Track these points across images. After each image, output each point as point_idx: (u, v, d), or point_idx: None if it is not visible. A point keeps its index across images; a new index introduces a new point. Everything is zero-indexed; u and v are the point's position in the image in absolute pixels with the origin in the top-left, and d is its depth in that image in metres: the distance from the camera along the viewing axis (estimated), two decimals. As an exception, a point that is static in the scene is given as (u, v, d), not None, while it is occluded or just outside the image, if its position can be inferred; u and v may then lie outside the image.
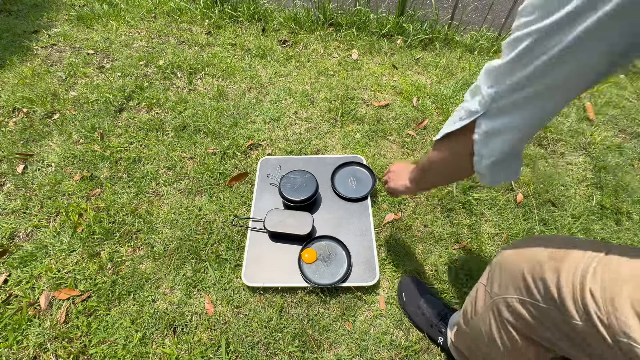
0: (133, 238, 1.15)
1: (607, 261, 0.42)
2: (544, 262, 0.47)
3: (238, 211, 1.21)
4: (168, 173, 1.33)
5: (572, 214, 1.20)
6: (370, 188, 1.22)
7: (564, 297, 0.43)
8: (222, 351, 0.92)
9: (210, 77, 1.74)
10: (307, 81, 1.73)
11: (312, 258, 1.06)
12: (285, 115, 1.55)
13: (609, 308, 0.39)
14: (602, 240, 1.13)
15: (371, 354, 0.92)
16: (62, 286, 1.04)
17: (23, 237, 1.16)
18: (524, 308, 0.50)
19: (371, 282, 1.01)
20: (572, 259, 0.45)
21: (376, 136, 1.46)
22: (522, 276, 0.50)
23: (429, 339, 0.93)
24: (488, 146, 0.47)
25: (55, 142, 1.43)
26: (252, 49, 1.90)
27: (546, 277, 0.46)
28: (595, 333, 0.40)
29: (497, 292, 0.55)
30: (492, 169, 0.49)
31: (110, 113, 1.55)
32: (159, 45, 1.94)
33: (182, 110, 1.56)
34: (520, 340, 0.54)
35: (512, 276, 0.52)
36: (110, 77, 1.74)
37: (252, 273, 1.04)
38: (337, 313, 0.98)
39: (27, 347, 0.92)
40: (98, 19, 2.14)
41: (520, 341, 0.54)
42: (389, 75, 1.77)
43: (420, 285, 1.00)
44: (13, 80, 1.71)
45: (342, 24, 2.06)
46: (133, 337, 0.94)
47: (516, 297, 0.51)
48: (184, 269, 1.07)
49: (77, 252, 1.11)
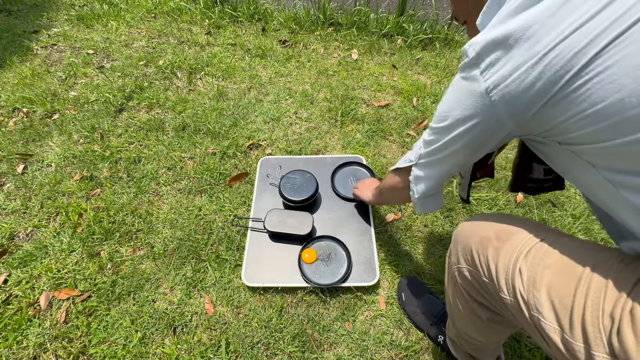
0: (133, 238, 1.15)
1: (540, 247, 0.49)
2: (489, 241, 0.54)
3: (238, 211, 1.21)
4: (168, 173, 1.33)
5: (572, 214, 1.20)
6: None
7: (499, 274, 0.50)
8: (222, 351, 0.92)
9: (210, 77, 1.74)
10: (307, 81, 1.73)
11: (312, 258, 1.06)
12: (285, 115, 1.55)
13: (530, 288, 0.46)
14: (550, 225, 1.13)
15: (371, 354, 0.92)
16: (62, 286, 1.04)
17: (23, 237, 1.16)
18: (471, 277, 0.57)
19: (371, 282, 1.01)
20: (512, 241, 0.51)
21: (376, 136, 1.46)
22: (470, 250, 0.56)
23: (429, 339, 0.93)
24: (417, 186, 0.66)
25: (55, 142, 1.43)
26: (252, 49, 1.90)
27: (489, 255, 0.52)
28: (518, 308, 0.47)
29: (454, 261, 0.62)
30: (420, 201, 0.68)
31: (110, 113, 1.55)
32: (159, 45, 1.94)
33: (182, 110, 1.56)
34: (472, 304, 0.60)
35: (463, 248, 0.59)
36: (110, 77, 1.74)
37: (252, 273, 1.04)
38: (337, 313, 0.98)
39: (27, 347, 0.92)
40: (98, 19, 2.14)
41: (472, 303, 0.60)
42: (389, 75, 1.77)
43: (420, 285, 1.00)
44: (13, 80, 1.71)
45: (342, 24, 2.06)
46: (133, 337, 0.94)
47: (466, 267, 0.58)
48: (184, 269, 1.07)
49: (77, 252, 1.11)
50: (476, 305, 0.60)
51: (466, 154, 0.55)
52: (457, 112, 0.50)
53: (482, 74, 0.45)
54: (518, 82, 0.41)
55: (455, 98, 0.51)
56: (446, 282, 0.69)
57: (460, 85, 0.49)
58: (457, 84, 0.51)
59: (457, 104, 0.50)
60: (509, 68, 0.42)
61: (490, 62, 0.44)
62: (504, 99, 0.43)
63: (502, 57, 0.42)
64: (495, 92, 0.44)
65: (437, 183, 0.64)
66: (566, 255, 0.46)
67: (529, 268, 0.47)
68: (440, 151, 0.57)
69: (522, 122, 0.45)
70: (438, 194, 0.69)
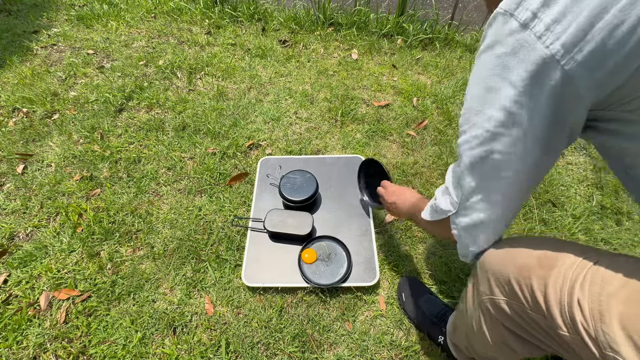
0: (133, 238, 1.15)
1: (595, 271, 0.41)
2: (531, 269, 0.46)
3: (238, 211, 1.21)
4: (168, 173, 1.33)
5: (573, 214, 1.20)
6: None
7: (551, 306, 0.43)
8: (222, 351, 0.92)
9: (210, 77, 1.74)
10: (307, 81, 1.73)
11: (312, 258, 1.06)
12: (285, 115, 1.55)
13: (597, 321, 0.39)
14: (593, 244, 1.13)
15: (371, 354, 0.92)
16: (62, 286, 1.04)
17: (23, 237, 1.15)
18: (511, 309, 0.50)
19: (371, 282, 1.01)
20: (560, 268, 0.44)
21: (376, 136, 1.46)
22: (508, 280, 0.49)
23: (429, 339, 0.93)
24: (470, 237, 0.52)
25: (55, 142, 1.43)
26: (252, 49, 1.90)
27: (533, 285, 0.45)
28: (582, 344, 0.40)
29: (484, 291, 0.54)
30: (477, 255, 0.54)
31: (110, 113, 1.55)
32: (159, 45, 1.94)
33: (182, 110, 1.56)
34: (508, 337, 0.53)
35: (497, 278, 0.51)
36: (110, 77, 1.74)
37: (252, 273, 1.04)
38: (337, 313, 0.98)
39: (27, 347, 0.92)
40: (98, 19, 2.14)
41: (509, 337, 0.53)
42: (389, 75, 1.77)
43: (420, 286, 1.00)
44: (13, 80, 1.71)
45: (342, 23, 2.06)
46: (133, 337, 0.94)
47: (503, 299, 0.50)
48: (183, 269, 1.07)
49: (76, 252, 1.10)
50: (513, 338, 0.53)
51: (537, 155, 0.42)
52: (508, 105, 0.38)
53: (540, 37, 0.35)
54: (608, 32, 0.31)
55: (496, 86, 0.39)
56: (469, 307, 0.62)
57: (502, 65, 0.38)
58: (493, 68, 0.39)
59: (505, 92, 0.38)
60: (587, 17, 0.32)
61: (556, 17, 0.33)
62: (585, 63, 0.34)
63: (572, 9, 0.33)
64: (569, 57, 0.34)
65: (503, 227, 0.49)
66: (632, 279, 0.39)
67: (590, 299, 0.40)
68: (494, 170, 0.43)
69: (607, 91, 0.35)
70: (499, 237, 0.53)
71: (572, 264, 0.43)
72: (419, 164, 1.34)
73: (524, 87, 0.37)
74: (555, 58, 0.34)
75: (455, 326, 0.75)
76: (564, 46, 0.34)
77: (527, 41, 0.36)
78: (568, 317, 0.41)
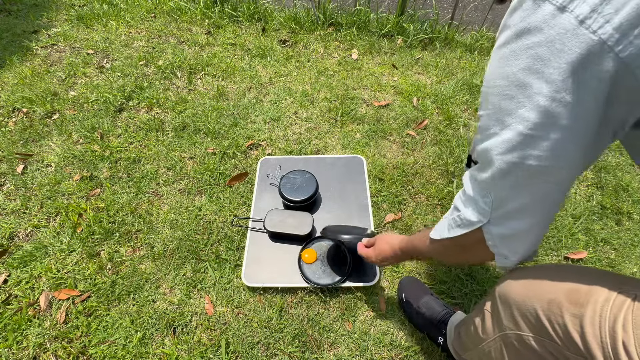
0: (133, 238, 1.15)
1: (637, 310, 0.37)
2: (561, 304, 0.42)
3: (238, 211, 1.21)
4: (168, 173, 1.33)
5: (573, 213, 1.20)
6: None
7: (591, 349, 0.38)
8: (222, 351, 0.92)
9: (210, 77, 1.74)
10: (307, 81, 1.73)
11: (312, 258, 1.06)
12: (285, 115, 1.55)
13: None
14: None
15: (371, 354, 0.92)
16: (61, 286, 1.04)
17: (23, 237, 1.15)
18: (541, 347, 0.45)
19: (371, 282, 1.01)
20: (595, 305, 0.39)
21: (376, 136, 1.46)
22: (535, 315, 0.44)
23: (429, 340, 0.93)
24: (509, 247, 0.45)
25: (55, 142, 1.43)
26: (252, 49, 1.90)
27: (567, 323, 0.41)
28: None
29: (507, 325, 0.50)
30: (516, 263, 0.48)
31: (110, 113, 1.55)
32: (159, 45, 1.94)
33: (182, 110, 1.56)
34: None
35: (523, 313, 0.47)
36: (110, 77, 1.74)
37: (252, 273, 1.04)
38: (337, 313, 0.98)
39: (27, 347, 0.92)
40: (98, 19, 2.14)
41: None
42: (389, 75, 1.77)
43: (420, 286, 1.00)
44: (13, 80, 1.71)
45: (342, 23, 2.06)
46: (133, 337, 0.94)
47: (532, 336, 0.46)
48: (183, 269, 1.07)
49: (76, 252, 1.10)
50: None
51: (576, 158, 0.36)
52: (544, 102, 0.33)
53: (584, 21, 0.29)
54: None
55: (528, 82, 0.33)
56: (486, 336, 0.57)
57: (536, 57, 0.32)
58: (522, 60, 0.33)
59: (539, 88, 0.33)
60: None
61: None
62: None
63: None
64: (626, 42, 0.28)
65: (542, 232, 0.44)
66: None
67: (637, 342, 0.36)
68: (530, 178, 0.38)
69: None
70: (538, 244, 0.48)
71: (607, 299, 0.39)
72: (419, 164, 1.34)
73: (563, 82, 0.32)
74: (608, 44, 0.29)
75: (464, 344, 0.72)
76: (619, 29, 0.28)
77: (566, 27, 0.30)
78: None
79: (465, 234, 0.47)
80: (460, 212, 0.47)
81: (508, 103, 0.36)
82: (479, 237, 0.46)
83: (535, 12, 0.32)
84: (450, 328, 0.86)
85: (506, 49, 0.35)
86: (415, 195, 1.25)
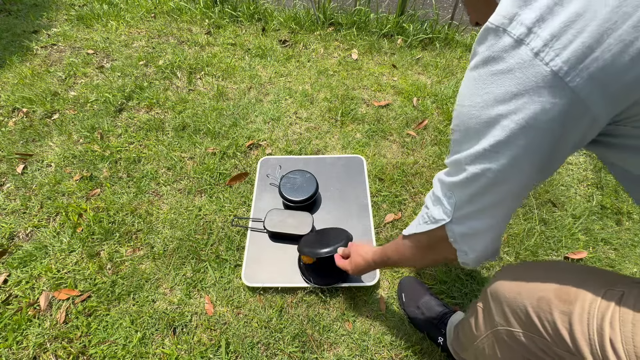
0: (133, 238, 1.15)
1: (624, 308, 0.39)
2: (551, 302, 0.44)
3: (238, 211, 1.21)
4: (168, 173, 1.33)
5: (573, 214, 1.20)
6: None
7: (579, 345, 0.40)
8: (222, 351, 0.92)
9: (210, 77, 1.74)
10: (307, 81, 1.73)
11: (312, 258, 1.06)
12: (285, 115, 1.55)
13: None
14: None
15: (371, 354, 0.92)
16: (61, 286, 1.04)
17: (23, 237, 1.15)
18: (532, 343, 0.47)
19: (371, 282, 1.01)
20: (583, 303, 0.41)
21: (376, 136, 1.46)
22: (525, 312, 0.47)
23: (429, 340, 0.93)
24: (468, 244, 0.49)
25: (55, 142, 1.43)
26: (252, 49, 1.90)
27: (556, 319, 0.43)
28: None
29: (499, 321, 0.52)
30: (476, 260, 0.51)
31: (110, 113, 1.55)
32: (159, 45, 1.94)
33: (182, 110, 1.56)
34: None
35: (514, 310, 0.49)
36: (109, 77, 1.74)
37: (252, 273, 1.04)
38: (337, 313, 0.98)
39: (27, 347, 0.92)
40: (98, 19, 2.14)
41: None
42: (389, 75, 1.77)
43: (420, 286, 1.00)
44: (13, 80, 1.71)
45: (342, 23, 2.06)
46: (133, 337, 0.94)
47: (522, 332, 0.48)
48: (183, 269, 1.07)
49: (76, 252, 1.10)
50: None
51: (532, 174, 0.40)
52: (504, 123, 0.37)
53: (538, 55, 0.33)
54: (621, 48, 0.30)
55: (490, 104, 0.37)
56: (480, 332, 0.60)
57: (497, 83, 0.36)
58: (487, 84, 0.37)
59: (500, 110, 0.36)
60: (596, 31, 0.30)
61: (555, 32, 0.32)
62: (596, 80, 0.31)
63: (575, 22, 0.31)
64: (574, 74, 0.31)
65: (499, 233, 0.48)
66: None
67: (624, 340, 0.38)
68: (489, 186, 0.42)
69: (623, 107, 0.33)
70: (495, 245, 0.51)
71: (595, 297, 0.41)
72: (419, 164, 1.34)
73: (522, 107, 0.35)
74: (559, 75, 0.32)
75: (462, 343, 0.73)
76: (567, 62, 0.32)
77: (524, 58, 0.34)
78: (600, 358, 0.39)
79: (431, 230, 0.51)
80: (428, 210, 0.52)
81: (475, 122, 0.40)
82: (443, 234, 0.50)
83: (497, 42, 0.36)
84: (449, 328, 0.86)
85: (475, 73, 0.39)
86: (415, 195, 1.25)
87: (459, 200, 0.46)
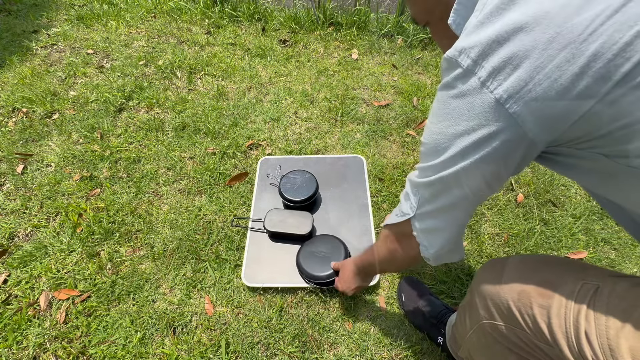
0: (133, 238, 1.14)
1: (599, 302, 0.42)
2: (530, 296, 0.47)
3: (238, 211, 1.21)
4: (168, 173, 1.33)
5: (573, 214, 1.19)
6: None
7: (557, 338, 0.43)
8: (222, 351, 0.92)
9: (210, 77, 1.74)
10: (307, 81, 1.73)
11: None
12: (285, 115, 1.55)
13: (608, 357, 0.39)
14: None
15: (371, 354, 0.92)
16: (61, 286, 1.03)
17: (23, 237, 1.15)
18: (514, 335, 0.50)
19: (371, 282, 1.01)
20: (560, 297, 0.44)
21: (376, 136, 1.46)
22: (507, 305, 0.49)
23: (429, 339, 0.93)
24: (427, 239, 0.54)
25: (54, 142, 1.43)
26: (252, 49, 1.90)
27: (535, 313, 0.46)
28: None
29: (483, 315, 0.55)
30: (435, 255, 0.55)
31: (110, 113, 1.54)
32: (159, 45, 1.94)
33: (182, 110, 1.56)
34: (513, 357, 0.53)
35: (496, 303, 0.51)
36: (109, 77, 1.74)
37: (252, 273, 1.04)
38: (337, 313, 0.98)
39: (27, 347, 0.92)
40: (98, 19, 2.14)
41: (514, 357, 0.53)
42: (389, 75, 1.76)
43: (420, 286, 1.00)
44: (13, 80, 1.70)
45: (342, 23, 2.05)
46: (133, 337, 0.94)
47: (504, 325, 0.51)
48: (183, 269, 1.07)
49: (76, 252, 1.10)
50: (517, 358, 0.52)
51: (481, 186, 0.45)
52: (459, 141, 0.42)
53: (484, 84, 0.37)
54: (549, 84, 0.34)
55: (449, 123, 0.42)
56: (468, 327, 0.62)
57: (453, 106, 0.41)
58: (447, 106, 0.42)
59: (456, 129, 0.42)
60: (529, 68, 0.34)
61: (496, 66, 0.36)
62: (529, 108, 0.35)
63: (514, 57, 0.35)
64: (512, 102, 0.36)
65: (454, 233, 0.53)
66: (637, 309, 0.39)
67: (598, 333, 0.40)
68: (446, 191, 0.47)
69: (557, 133, 0.37)
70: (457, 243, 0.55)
71: (572, 290, 0.44)
72: (419, 164, 1.34)
73: (472, 127, 0.40)
74: (500, 102, 0.36)
75: (457, 341, 0.74)
76: (507, 91, 0.36)
77: (474, 85, 0.38)
78: (577, 351, 0.41)
79: (400, 223, 0.57)
80: (401, 204, 0.58)
81: (437, 138, 0.45)
82: (409, 229, 0.56)
83: (453, 71, 0.40)
84: (448, 327, 0.86)
85: (439, 95, 0.45)
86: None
87: (422, 198, 0.52)
